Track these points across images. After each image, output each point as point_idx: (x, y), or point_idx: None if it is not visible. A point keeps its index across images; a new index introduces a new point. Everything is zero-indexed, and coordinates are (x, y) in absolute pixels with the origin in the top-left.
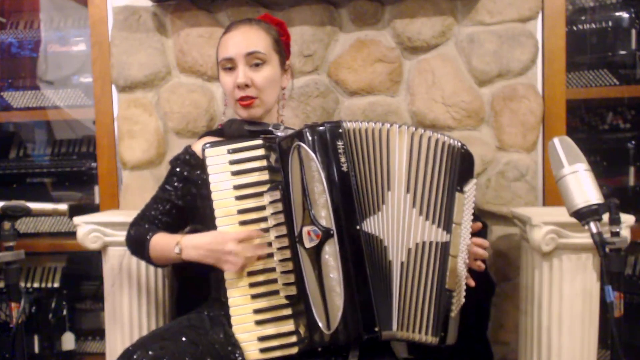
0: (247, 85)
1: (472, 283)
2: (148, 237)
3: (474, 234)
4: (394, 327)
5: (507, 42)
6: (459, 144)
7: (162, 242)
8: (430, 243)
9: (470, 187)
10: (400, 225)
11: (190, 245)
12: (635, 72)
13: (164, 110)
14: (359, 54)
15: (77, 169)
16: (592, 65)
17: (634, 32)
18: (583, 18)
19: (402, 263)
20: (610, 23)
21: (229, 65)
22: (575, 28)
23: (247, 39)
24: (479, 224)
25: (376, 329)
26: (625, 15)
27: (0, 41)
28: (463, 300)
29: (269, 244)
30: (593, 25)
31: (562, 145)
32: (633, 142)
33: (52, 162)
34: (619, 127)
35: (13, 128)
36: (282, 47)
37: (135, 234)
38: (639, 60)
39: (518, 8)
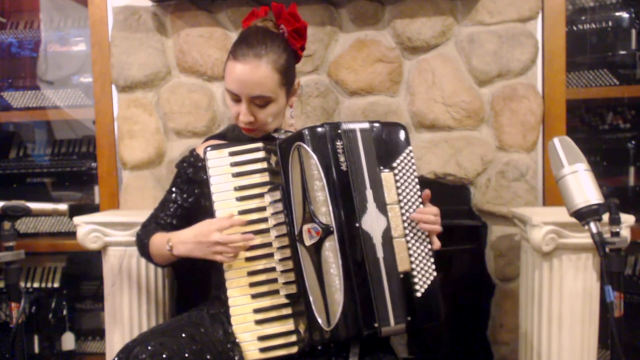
0: (250, 122)
1: (437, 244)
2: (149, 238)
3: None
4: (392, 322)
5: (507, 42)
6: (367, 125)
7: (157, 242)
8: (382, 232)
9: (400, 162)
10: (374, 222)
11: (178, 240)
12: (635, 72)
13: (164, 110)
14: (359, 54)
15: (77, 169)
16: (592, 65)
17: (634, 32)
18: (583, 18)
19: (382, 258)
20: (610, 23)
21: (235, 97)
22: (575, 28)
23: (253, 79)
24: (427, 191)
25: (376, 325)
26: (625, 15)
27: (0, 41)
28: (434, 273)
29: (270, 244)
30: (593, 25)
31: (562, 145)
32: (633, 142)
33: (52, 162)
34: (619, 127)
35: (13, 128)
36: (291, 73)
37: (141, 235)
38: (639, 60)
39: (518, 8)
